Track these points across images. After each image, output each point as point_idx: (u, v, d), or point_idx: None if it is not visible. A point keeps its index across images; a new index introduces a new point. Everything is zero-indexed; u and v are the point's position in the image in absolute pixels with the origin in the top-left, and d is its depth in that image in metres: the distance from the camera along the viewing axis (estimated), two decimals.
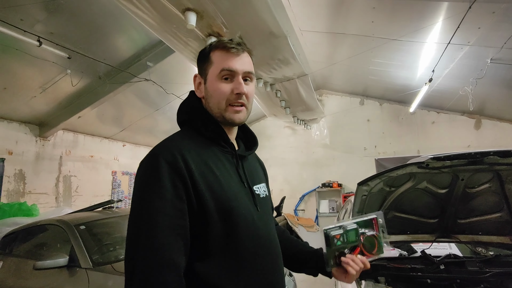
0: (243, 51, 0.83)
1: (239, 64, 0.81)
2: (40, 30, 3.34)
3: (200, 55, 0.87)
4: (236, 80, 0.81)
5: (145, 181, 0.71)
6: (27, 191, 4.88)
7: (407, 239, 2.25)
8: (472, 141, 6.33)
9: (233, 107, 0.81)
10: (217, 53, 0.82)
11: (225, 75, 0.80)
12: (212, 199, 0.73)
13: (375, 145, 7.22)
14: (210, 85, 0.82)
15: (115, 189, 6.02)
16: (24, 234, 3.08)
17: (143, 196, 0.70)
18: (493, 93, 5.10)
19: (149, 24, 2.55)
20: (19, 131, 4.88)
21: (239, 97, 0.80)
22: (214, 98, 0.82)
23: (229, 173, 0.81)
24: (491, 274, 1.88)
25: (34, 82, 4.23)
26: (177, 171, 0.70)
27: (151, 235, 0.66)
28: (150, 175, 0.71)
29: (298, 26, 4.43)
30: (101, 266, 2.29)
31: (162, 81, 4.82)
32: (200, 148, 0.79)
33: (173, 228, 0.68)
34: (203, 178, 0.73)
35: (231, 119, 0.82)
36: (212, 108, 0.83)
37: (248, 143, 0.96)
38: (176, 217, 0.68)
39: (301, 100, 5.15)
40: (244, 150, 0.93)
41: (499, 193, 1.93)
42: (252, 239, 0.77)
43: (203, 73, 0.86)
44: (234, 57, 0.81)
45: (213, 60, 0.82)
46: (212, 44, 0.85)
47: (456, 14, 3.24)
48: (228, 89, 0.80)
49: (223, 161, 0.81)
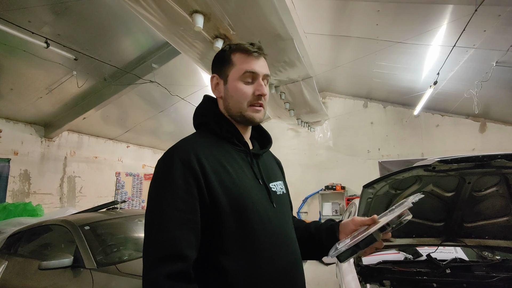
0: (262, 55, 0.87)
1: (260, 67, 0.85)
2: (47, 32, 3.38)
3: (219, 56, 0.90)
4: (257, 82, 0.85)
5: (160, 178, 0.75)
6: (32, 192, 4.92)
7: (413, 242, 2.23)
8: (476, 144, 6.28)
9: (253, 107, 0.85)
10: (239, 56, 0.86)
11: (247, 77, 0.84)
12: (225, 195, 0.75)
13: (378, 147, 7.19)
14: (232, 86, 0.86)
15: (119, 190, 6.04)
16: (29, 234, 3.10)
17: (157, 192, 0.73)
18: (498, 96, 5.07)
19: (156, 26, 2.57)
20: (25, 132, 4.93)
21: (260, 98, 0.85)
22: (235, 98, 0.85)
23: (243, 170, 0.83)
24: (498, 279, 1.86)
25: (40, 83, 4.27)
26: (190, 169, 0.73)
27: (162, 229, 0.69)
28: (164, 173, 0.75)
29: (303, 28, 4.44)
30: (105, 266, 2.29)
31: (167, 82, 4.84)
32: (214, 147, 0.82)
33: (183, 222, 0.70)
34: (216, 175, 0.76)
35: (251, 118, 0.86)
36: (231, 108, 0.86)
37: (262, 142, 0.98)
38: (187, 212, 0.71)
39: (305, 102, 5.14)
40: (258, 149, 0.95)
41: (506, 197, 1.91)
42: (268, 236, 0.78)
43: (222, 74, 0.88)
44: (256, 60, 0.85)
45: (235, 62, 0.86)
46: (232, 47, 0.88)
47: (461, 17, 3.23)
48: (250, 91, 0.84)
49: (236, 159, 0.84)
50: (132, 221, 3.23)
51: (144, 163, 7.27)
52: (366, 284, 1.94)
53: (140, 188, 6.41)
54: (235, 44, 0.88)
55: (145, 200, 6.41)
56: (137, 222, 3.26)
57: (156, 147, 7.60)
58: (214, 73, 0.91)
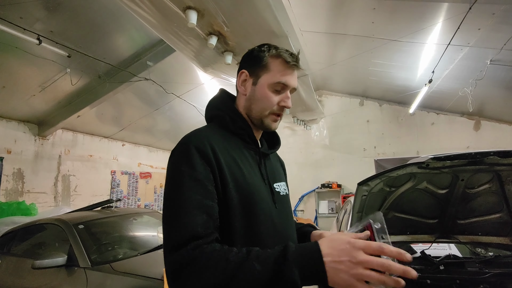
0: (297, 68, 0.87)
1: (293, 79, 0.86)
2: (39, 29, 3.33)
3: (256, 55, 0.87)
4: (285, 94, 0.85)
5: (177, 166, 0.73)
6: (26, 190, 4.87)
7: (407, 239, 2.25)
8: (471, 142, 6.34)
9: (274, 116, 0.87)
10: (277, 63, 0.84)
11: (278, 87, 0.84)
12: (236, 190, 0.75)
13: (374, 146, 7.22)
14: (261, 90, 0.85)
15: (114, 188, 6.00)
16: (23, 233, 3.07)
17: (175, 179, 0.72)
18: (493, 94, 5.11)
19: (150, 22, 2.55)
20: (18, 130, 4.87)
21: (283, 109, 0.86)
22: (260, 103, 0.85)
23: (252, 168, 0.83)
24: (491, 275, 1.87)
25: (33, 81, 4.22)
26: (206, 157, 0.73)
27: (180, 214, 0.68)
28: (181, 160, 0.73)
29: (298, 26, 4.43)
30: (100, 265, 2.28)
31: (162, 80, 4.81)
32: (226, 142, 0.82)
33: (202, 207, 0.69)
34: (229, 169, 0.76)
35: (268, 126, 0.87)
36: (253, 110, 0.87)
37: (271, 142, 1.00)
38: (205, 198, 0.70)
39: (301, 100, 5.15)
40: (267, 148, 0.96)
41: (499, 194, 1.93)
42: (272, 236, 0.78)
43: (253, 74, 0.87)
44: (291, 72, 0.85)
45: (272, 68, 0.84)
46: (272, 51, 0.86)
47: (456, 15, 3.25)
48: (276, 100, 0.85)
49: (247, 156, 0.84)
50: (127, 220, 3.21)
51: (139, 161, 7.23)
52: None
53: (136, 186, 6.37)
54: (276, 49, 0.86)
55: (141, 199, 6.38)
56: (132, 221, 3.24)
57: (151, 145, 7.56)
58: (245, 69, 0.89)
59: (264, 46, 0.88)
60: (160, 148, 7.79)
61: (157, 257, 2.43)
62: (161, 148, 7.80)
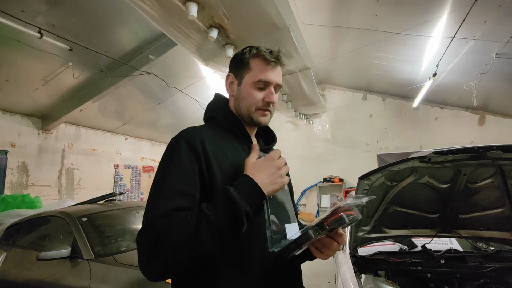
0: (279, 64, 0.91)
1: (274, 76, 0.90)
2: (41, 22, 3.32)
3: (239, 58, 0.94)
4: (268, 90, 0.90)
5: (165, 157, 0.80)
6: (30, 184, 4.92)
7: (408, 233, 2.25)
8: (475, 137, 6.28)
9: (261, 111, 0.91)
10: (257, 62, 0.90)
11: (260, 84, 0.89)
12: (223, 178, 0.78)
13: (377, 140, 7.19)
14: (245, 89, 0.90)
15: (117, 182, 6.05)
16: (27, 225, 3.11)
17: (162, 168, 0.78)
18: (498, 88, 5.04)
19: (150, 15, 2.53)
20: (22, 124, 4.90)
21: (268, 105, 0.90)
22: (246, 101, 0.90)
23: (244, 160, 0.85)
24: (492, 269, 1.88)
25: (36, 75, 4.23)
26: (194, 150, 0.78)
27: (159, 197, 0.72)
28: (170, 152, 0.79)
29: (301, 19, 4.37)
30: (103, 257, 2.31)
31: (164, 74, 4.80)
32: (219, 138, 0.86)
33: (182, 194, 0.73)
34: (216, 159, 0.80)
35: (258, 121, 0.91)
36: (241, 108, 0.92)
37: (267, 139, 1.04)
38: (187, 186, 0.74)
39: (303, 94, 5.11)
40: (263, 145, 1.00)
41: (501, 188, 1.91)
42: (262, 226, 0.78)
43: (238, 75, 0.93)
44: (272, 69, 0.89)
45: (252, 67, 0.90)
46: (252, 51, 0.91)
47: (461, 8, 3.19)
48: (261, 97, 0.89)
49: (239, 150, 0.89)
50: (130, 213, 3.24)
51: (142, 155, 7.27)
52: (361, 274, 1.96)
53: (139, 180, 6.42)
54: (256, 49, 0.91)
55: (144, 192, 6.43)
56: (135, 214, 3.26)
57: (154, 139, 7.58)
58: (231, 72, 0.96)
59: (246, 48, 0.94)
60: (162, 142, 7.82)
61: None
62: (164, 142, 7.83)
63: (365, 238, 2.27)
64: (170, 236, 0.65)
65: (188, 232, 0.65)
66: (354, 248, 2.19)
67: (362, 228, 2.22)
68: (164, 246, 0.65)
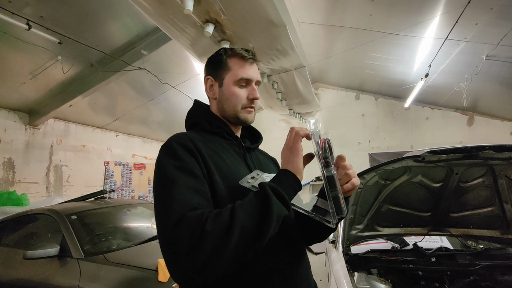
0: (256, 61, 0.93)
1: (254, 72, 0.92)
2: (29, 13, 3.21)
3: (215, 59, 0.94)
4: (251, 87, 0.92)
5: (163, 161, 0.76)
6: (17, 180, 4.78)
7: (400, 232, 2.28)
8: (464, 137, 6.42)
9: (247, 109, 0.92)
10: (235, 61, 0.91)
11: (242, 82, 0.90)
12: (223, 180, 0.77)
13: (369, 139, 7.26)
14: (227, 89, 0.91)
15: (108, 179, 5.94)
16: (14, 223, 3.02)
17: (164, 173, 0.73)
18: (487, 90, 5.14)
19: (145, 9, 2.47)
20: (8, 119, 4.75)
21: (253, 101, 0.92)
22: (230, 101, 0.91)
23: (237, 160, 0.88)
24: (481, 267, 1.92)
25: (23, 68, 4.10)
26: (190, 151, 0.77)
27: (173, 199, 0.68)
28: (167, 156, 0.77)
29: (296, 17, 4.36)
30: (93, 256, 2.26)
31: (157, 70, 4.72)
32: (207, 141, 0.86)
33: (195, 191, 0.71)
34: (212, 160, 0.79)
35: (245, 119, 0.92)
36: (226, 109, 0.92)
37: (252, 139, 1.04)
38: (197, 183, 0.72)
39: (298, 93, 5.12)
40: (250, 144, 1.00)
41: (491, 188, 1.95)
42: None
43: (217, 77, 0.93)
44: (250, 66, 0.91)
45: (231, 67, 0.91)
46: (228, 52, 0.93)
47: (454, 9, 3.23)
48: (245, 95, 0.91)
49: (230, 151, 0.89)
50: (121, 211, 3.18)
51: (133, 152, 7.16)
52: (354, 272, 1.98)
53: (130, 177, 6.31)
54: (231, 49, 0.93)
55: (134, 190, 6.34)
56: (126, 212, 3.21)
57: (146, 136, 7.47)
58: (209, 75, 0.95)
59: (220, 50, 0.95)
60: (154, 139, 7.72)
61: (151, 248, 2.41)
62: (156, 139, 7.72)
63: (358, 237, 2.29)
64: (217, 221, 0.63)
65: (246, 212, 0.65)
66: (347, 246, 2.20)
67: (355, 227, 2.24)
68: (211, 233, 0.61)
